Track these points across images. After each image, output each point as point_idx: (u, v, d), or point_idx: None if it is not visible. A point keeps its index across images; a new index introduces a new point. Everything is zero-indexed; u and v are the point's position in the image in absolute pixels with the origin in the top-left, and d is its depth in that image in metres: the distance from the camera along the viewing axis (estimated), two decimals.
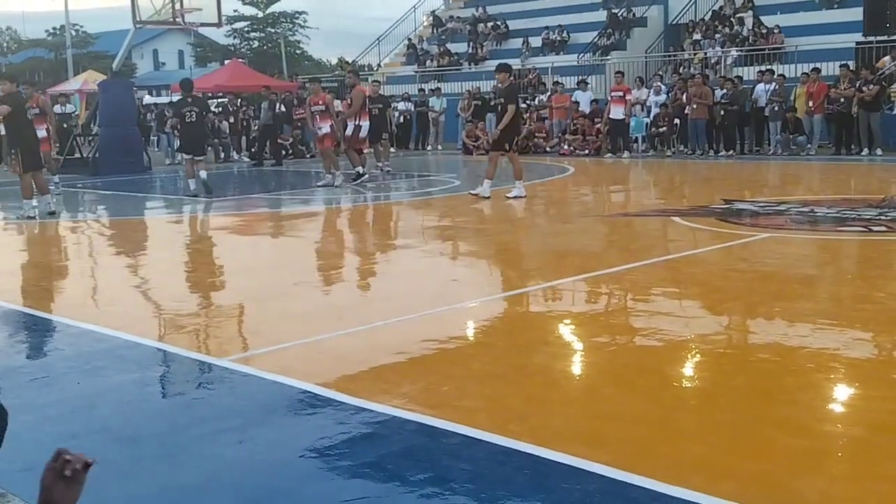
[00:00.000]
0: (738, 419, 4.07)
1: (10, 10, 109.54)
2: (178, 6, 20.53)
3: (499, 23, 31.13)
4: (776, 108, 19.31)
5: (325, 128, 15.93)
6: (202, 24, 23.12)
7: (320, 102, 16.21)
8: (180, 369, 5.28)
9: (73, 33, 50.62)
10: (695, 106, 19.91)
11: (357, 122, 16.04)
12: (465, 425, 3.99)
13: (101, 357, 5.38)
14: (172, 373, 5.28)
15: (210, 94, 30.46)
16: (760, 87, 19.86)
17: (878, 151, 18.06)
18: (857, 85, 18.53)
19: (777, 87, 19.45)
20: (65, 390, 4.79)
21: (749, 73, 21.72)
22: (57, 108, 24.10)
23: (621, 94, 21.03)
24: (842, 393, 4.51)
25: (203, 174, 14.61)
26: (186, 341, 5.80)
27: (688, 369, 5.00)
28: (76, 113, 26.89)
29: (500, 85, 13.54)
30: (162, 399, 4.77)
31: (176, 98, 22.64)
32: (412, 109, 26.24)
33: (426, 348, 5.38)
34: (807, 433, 3.92)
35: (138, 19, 20.47)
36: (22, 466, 3.46)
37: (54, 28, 55.67)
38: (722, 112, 19.89)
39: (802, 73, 19.82)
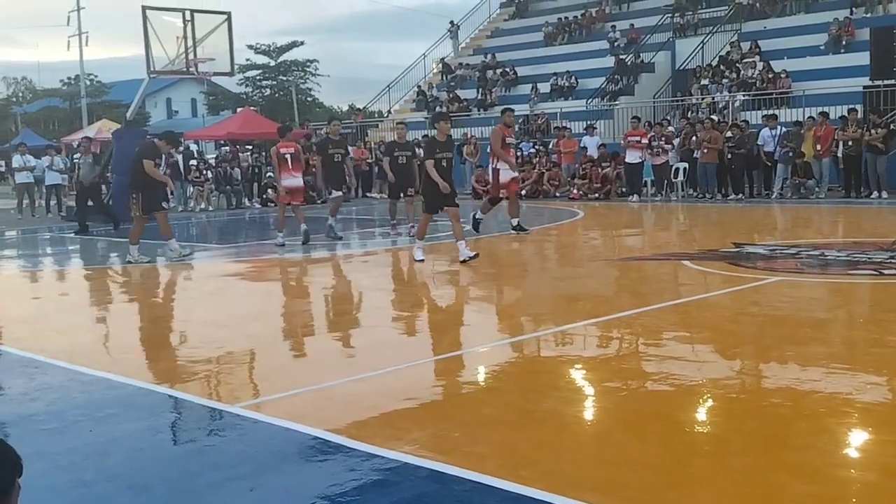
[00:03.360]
0: (751, 465, 4.05)
1: (26, 60, 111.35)
2: (191, 56, 20.85)
3: (507, 69, 31.46)
4: (790, 154, 19.37)
5: (295, 180, 14.96)
6: (215, 74, 23.47)
7: (292, 150, 15.04)
8: (192, 416, 5.29)
9: (88, 83, 51.41)
10: (705, 150, 20.03)
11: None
12: (476, 471, 3.98)
13: (113, 404, 5.40)
14: (184, 420, 5.29)
15: (223, 142, 30.75)
16: (766, 131, 19.97)
17: (884, 194, 18.10)
18: (865, 128, 18.64)
19: (789, 131, 19.57)
20: (77, 438, 4.81)
21: (756, 117, 21.85)
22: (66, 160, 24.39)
23: (638, 138, 21.18)
24: (855, 438, 4.48)
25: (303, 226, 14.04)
26: (198, 388, 5.81)
27: (699, 414, 4.98)
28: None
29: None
30: (173, 446, 4.77)
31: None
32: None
33: (436, 394, 5.38)
34: (819, 478, 3.89)
35: (152, 69, 20.79)
36: None
37: (69, 78, 56.52)
38: (729, 156, 19.99)
39: (808, 118, 19.92)
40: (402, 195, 15.18)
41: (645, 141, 21.21)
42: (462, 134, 27.49)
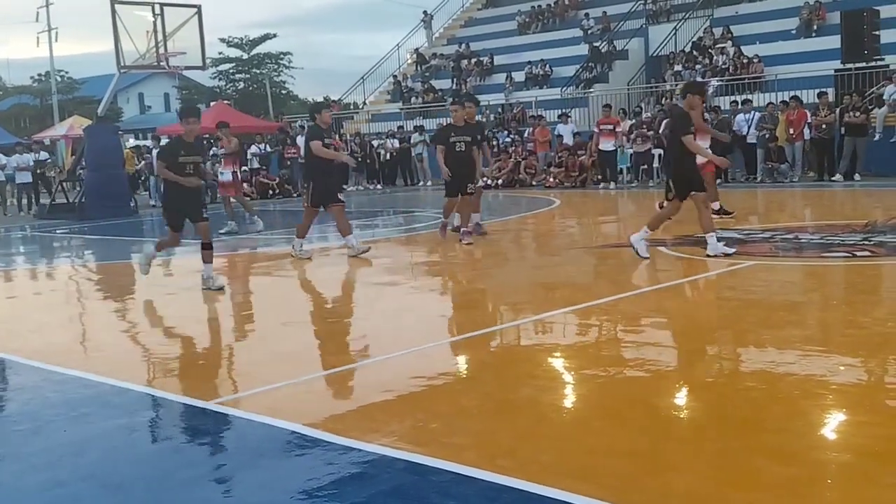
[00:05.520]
0: (727, 449, 4.07)
1: None
2: (162, 50, 20.68)
3: (482, 59, 31.43)
4: (766, 136, 19.49)
5: (227, 174, 15.36)
6: (187, 67, 23.31)
7: (227, 145, 15.51)
8: (168, 414, 5.26)
9: (58, 79, 50.85)
10: None
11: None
12: (455, 462, 3.97)
13: (87, 403, 5.35)
14: (160, 417, 5.25)
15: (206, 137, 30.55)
16: (740, 116, 20.08)
17: (857, 177, 18.26)
18: (839, 111, 18.77)
19: (766, 115, 19.68)
20: (51, 438, 4.76)
21: (727, 102, 21.96)
22: (32, 157, 24.17)
23: (611, 126, 21.24)
24: (830, 419, 4.51)
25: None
26: (174, 385, 5.77)
27: (676, 400, 5.00)
28: (49, 160, 26.76)
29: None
30: (150, 444, 4.73)
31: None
32: (398, 146, 26.41)
33: (414, 385, 5.37)
34: (796, 461, 3.92)
35: (123, 64, 20.60)
36: None
37: (39, 74, 55.82)
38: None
39: (781, 101, 20.04)
40: (460, 192, 11.86)
41: (619, 129, 21.27)
42: (437, 125, 27.43)
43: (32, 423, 5.04)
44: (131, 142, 36.78)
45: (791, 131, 19.23)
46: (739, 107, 20.59)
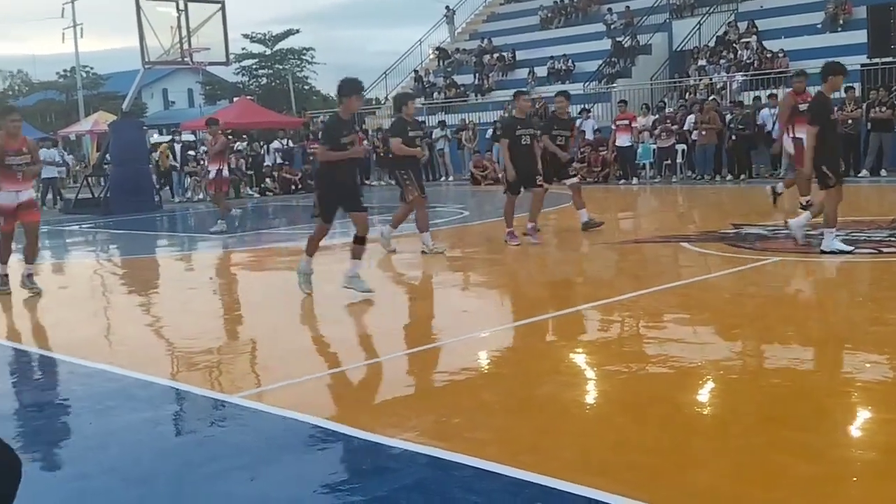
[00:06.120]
0: (750, 446, 4.04)
1: (22, 53, 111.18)
2: (186, 46, 20.79)
3: (504, 54, 31.37)
4: None
5: (213, 171, 15.28)
6: (210, 63, 23.43)
7: (213, 145, 15.48)
8: (192, 407, 5.29)
9: (84, 75, 51.25)
10: (703, 132, 20.00)
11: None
12: (476, 457, 3.97)
13: (112, 397, 5.40)
14: (184, 411, 5.28)
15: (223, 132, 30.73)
16: (765, 111, 19.92)
17: (883, 172, 18.08)
18: (865, 106, 18.58)
19: None
20: (77, 431, 4.80)
21: (751, 97, 21.79)
22: (56, 152, 24.33)
23: (627, 122, 21.17)
24: (855, 417, 4.48)
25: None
26: (198, 379, 5.81)
27: (699, 396, 4.97)
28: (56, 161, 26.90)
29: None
30: (173, 437, 4.76)
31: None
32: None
33: (436, 380, 5.38)
34: (820, 459, 3.89)
35: (147, 60, 20.75)
36: None
37: (65, 70, 56.26)
38: (732, 137, 19.94)
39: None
40: (523, 187, 11.32)
41: (636, 124, 21.20)
42: (459, 120, 27.43)
43: (56, 417, 5.09)
44: (155, 137, 37.00)
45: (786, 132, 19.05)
46: (763, 101, 20.42)
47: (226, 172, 15.61)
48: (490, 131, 25.66)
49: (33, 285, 9.39)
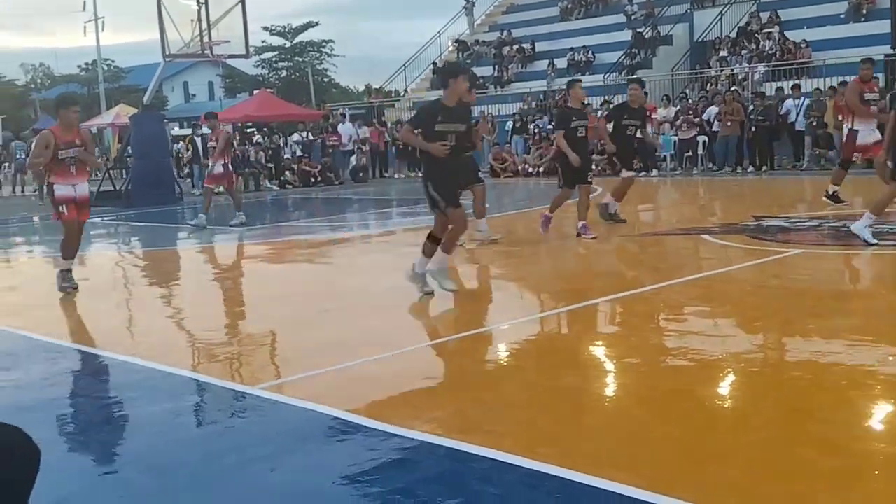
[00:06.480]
0: (772, 439, 4.02)
1: (43, 46, 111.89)
2: (206, 39, 20.86)
3: (524, 45, 31.27)
4: (814, 123, 19.19)
5: (218, 167, 14.88)
6: (230, 56, 23.50)
7: (214, 139, 15.18)
8: (213, 398, 5.32)
9: (105, 68, 51.49)
10: (729, 123, 19.88)
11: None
12: (496, 449, 3.97)
13: (135, 388, 5.44)
14: (205, 402, 5.32)
15: (242, 125, 30.85)
16: (790, 102, 19.77)
17: None
18: (889, 97, 18.37)
19: (814, 101, 19.37)
20: (98, 422, 4.84)
21: (774, 88, 21.62)
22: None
23: (646, 113, 21.05)
24: (877, 410, 4.44)
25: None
26: (219, 370, 5.85)
27: (720, 389, 4.95)
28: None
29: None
30: (195, 428, 4.80)
31: None
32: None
33: (456, 373, 5.38)
34: (842, 452, 3.86)
35: (168, 53, 20.82)
36: (56, 499, 3.51)
37: (86, 63, 56.60)
38: (753, 128, 19.81)
39: (829, 87, 19.69)
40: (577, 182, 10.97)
41: (654, 115, 21.08)
42: (479, 112, 27.39)
43: (80, 408, 5.14)
44: (176, 130, 37.15)
45: (839, 118, 18.88)
46: (787, 93, 20.27)
47: (230, 165, 15.51)
48: (509, 123, 25.67)
49: (68, 283, 9.11)
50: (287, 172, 25.20)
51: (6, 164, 28.44)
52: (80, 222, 9.03)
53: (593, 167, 12.34)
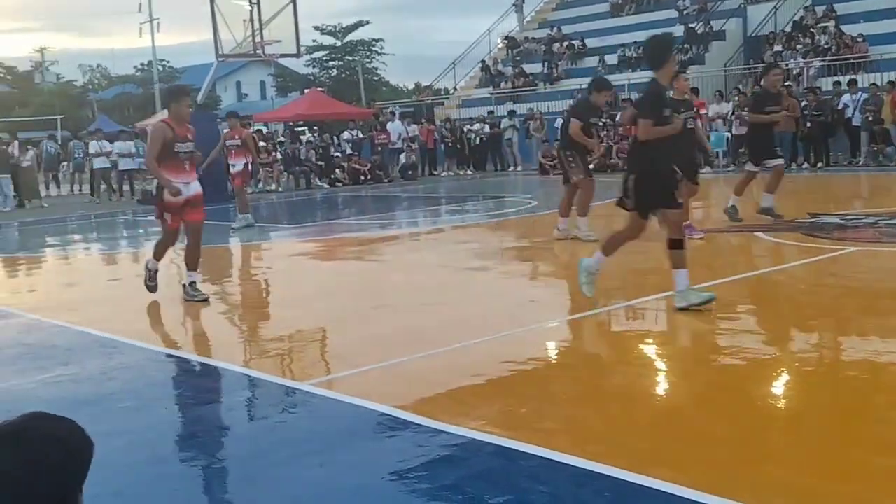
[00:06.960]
0: (827, 439, 3.95)
1: (101, 47, 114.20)
2: (258, 39, 21.10)
3: (574, 42, 31.08)
4: (870, 118, 18.79)
5: (239, 165, 14.71)
6: (282, 55, 23.75)
7: (236, 137, 14.86)
8: (264, 394, 5.38)
9: (160, 68, 52.32)
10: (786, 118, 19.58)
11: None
12: (544, 447, 3.96)
13: (187, 383, 5.52)
14: (256, 397, 5.38)
15: (293, 124, 31.13)
16: (846, 97, 19.39)
17: None
18: None
19: (870, 96, 18.96)
20: (153, 416, 4.92)
21: (830, 83, 21.20)
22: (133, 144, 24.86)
23: (695, 109, 20.80)
24: None
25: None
26: (270, 366, 5.91)
27: (774, 388, 4.87)
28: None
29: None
30: (246, 423, 4.85)
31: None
32: (488, 131, 26.42)
33: (504, 370, 5.36)
34: None
35: (221, 53, 21.10)
36: (113, 490, 3.57)
37: (142, 64, 57.57)
38: (808, 124, 19.46)
39: (887, 82, 19.26)
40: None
41: (703, 111, 20.80)
42: (528, 109, 27.29)
43: (135, 402, 5.22)
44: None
45: None
46: (843, 87, 19.87)
47: (251, 166, 15.31)
48: (559, 120, 25.52)
49: (196, 293, 8.28)
50: (337, 170, 25.35)
51: (65, 163, 29.00)
52: (193, 225, 8.40)
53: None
